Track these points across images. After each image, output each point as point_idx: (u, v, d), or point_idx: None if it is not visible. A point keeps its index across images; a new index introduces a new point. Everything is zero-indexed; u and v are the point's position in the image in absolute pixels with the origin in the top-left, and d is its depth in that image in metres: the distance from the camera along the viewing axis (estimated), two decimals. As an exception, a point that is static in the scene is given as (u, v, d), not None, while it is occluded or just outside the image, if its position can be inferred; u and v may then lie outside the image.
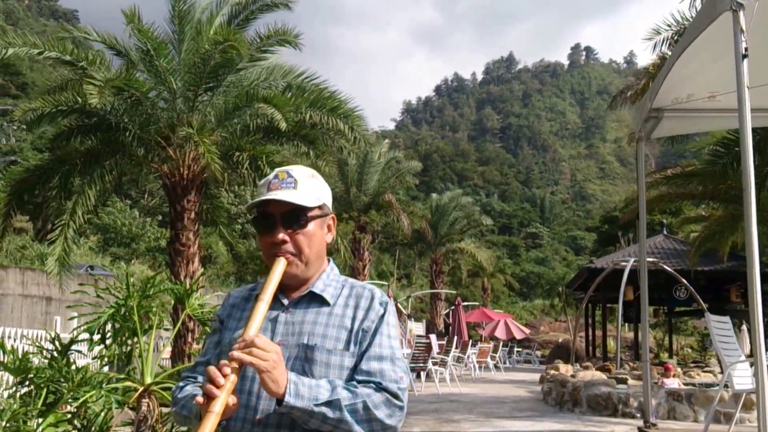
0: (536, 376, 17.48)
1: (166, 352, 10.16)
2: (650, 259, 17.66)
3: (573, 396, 9.37)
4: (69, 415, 4.78)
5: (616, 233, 41.48)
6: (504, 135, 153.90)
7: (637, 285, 17.36)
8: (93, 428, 4.78)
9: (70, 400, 4.48)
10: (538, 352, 32.54)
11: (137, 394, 5.02)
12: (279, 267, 1.64)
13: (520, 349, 31.35)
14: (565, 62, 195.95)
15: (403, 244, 32.20)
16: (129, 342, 4.98)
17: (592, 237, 78.40)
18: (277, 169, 1.74)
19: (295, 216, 1.66)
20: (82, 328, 4.69)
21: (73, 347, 4.95)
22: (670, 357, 23.63)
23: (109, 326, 4.69)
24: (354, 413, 1.52)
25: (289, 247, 1.67)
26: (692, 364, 19.82)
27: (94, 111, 9.12)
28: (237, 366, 1.45)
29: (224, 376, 1.43)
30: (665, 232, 22.76)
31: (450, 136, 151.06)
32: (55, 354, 4.83)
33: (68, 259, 10.42)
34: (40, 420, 4.43)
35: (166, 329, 5.96)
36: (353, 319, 1.67)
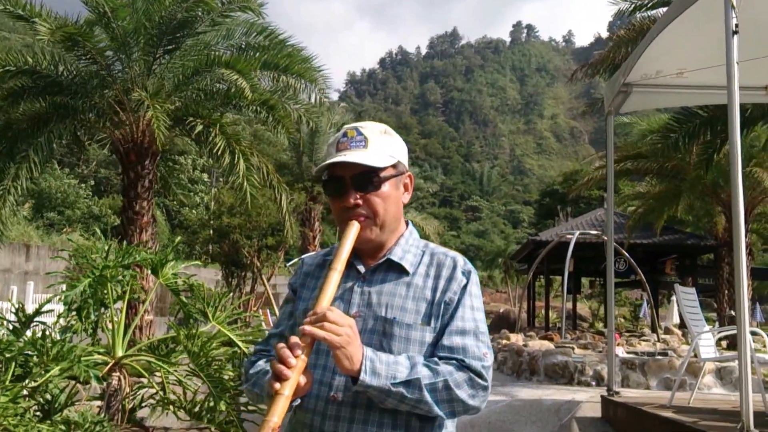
0: (482, 346, 17.87)
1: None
2: (593, 232, 18.22)
3: (531, 365, 9.62)
4: (27, 391, 4.57)
5: (555, 207, 42.56)
6: (446, 109, 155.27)
7: (577, 257, 17.97)
8: (56, 404, 4.58)
9: (40, 375, 4.27)
10: (480, 323, 33.30)
11: (108, 367, 4.85)
12: (352, 232, 1.52)
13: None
14: (507, 39, 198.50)
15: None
16: (96, 313, 4.78)
17: (529, 211, 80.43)
18: (345, 127, 1.61)
19: (367, 178, 1.54)
20: (52, 297, 4.47)
21: (36, 318, 4.72)
22: (605, 327, 24.53)
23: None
24: (434, 393, 1.42)
25: (363, 210, 1.55)
26: (627, 333, 20.67)
27: (45, 72, 8.64)
28: (309, 343, 1.35)
29: (295, 355, 1.33)
30: (605, 206, 23.39)
31: (393, 108, 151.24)
32: (18, 326, 4.60)
33: (5, 227, 9.95)
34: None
35: (136, 299, 5.75)
36: (434, 290, 1.56)
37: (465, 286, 1.57)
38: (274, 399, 1.30)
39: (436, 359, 1.47)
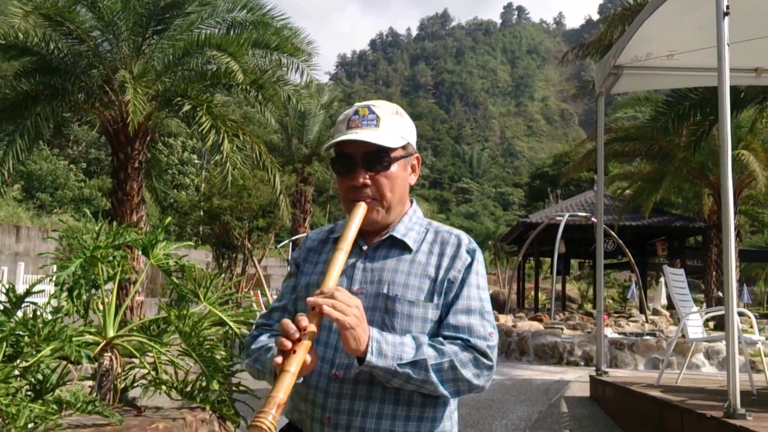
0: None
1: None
2: (583, 214, 18.30)
3: (520, 345, 9.71)
4: (18, 371, 4.56)
5: (545, 189, 42.66)
6: (437, 91, 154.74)
7: (567, 239, 18.06)
8: (48, 383, 4.59)
9: (31, 354, 4.27)
10: (470, 304, 33.50)
11: (99, 347, 4.84)
12: (359, 212, 1.51)
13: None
14: (498, 21, 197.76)
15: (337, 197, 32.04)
16: (87, 294, 4.77)
17: (519, 193, 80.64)
18: (357, 104, 1.58)
19: (377, 157, 1.52)
20: (43, 278, 4.46)
21: (27, 299, 4.70)
22: (594, 308, 24.73)
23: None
24: (440, 373, 1.42)
25: (370, 191, 1.53)
26: (615, 314, 20.83)
27: (34, 49, 8.52)
28: (316, 322, 1.32)
29: (300, 330, 1.29)
30: (595, 188, 23.48)
31: (383, 90, 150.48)
32: (8, 306, 4.59)
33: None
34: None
35: (127, 280, 5.73)
36: (438, 267, 1.54)
37: (470, 265, 1.56)
38: (280, 375, 1.27)
39: (441, 339, 1.47)
